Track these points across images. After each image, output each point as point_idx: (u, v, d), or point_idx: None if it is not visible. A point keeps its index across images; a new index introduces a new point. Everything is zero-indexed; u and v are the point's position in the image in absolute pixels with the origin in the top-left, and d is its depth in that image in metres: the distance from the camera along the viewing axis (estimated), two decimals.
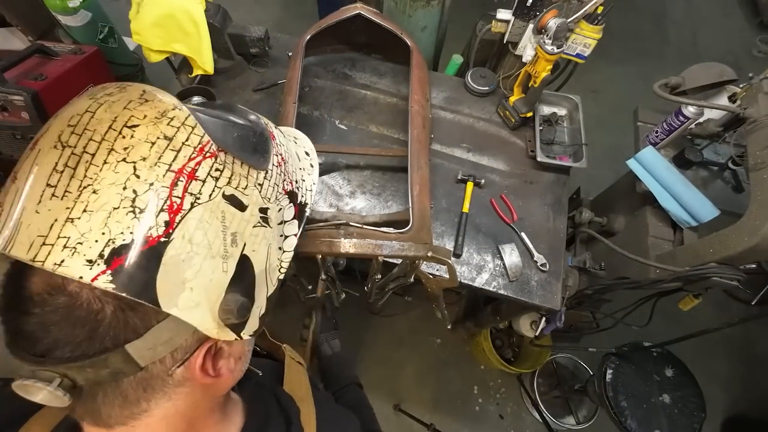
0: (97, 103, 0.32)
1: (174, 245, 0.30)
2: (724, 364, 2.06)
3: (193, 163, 0.32)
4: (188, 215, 0.31)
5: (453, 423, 1.86)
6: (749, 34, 3.29)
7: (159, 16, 1.19)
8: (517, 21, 1.25)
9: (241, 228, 0.35)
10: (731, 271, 0.90)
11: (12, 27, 1.73)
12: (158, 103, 0.34)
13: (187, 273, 0.31)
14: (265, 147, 0.40)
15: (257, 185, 0.38)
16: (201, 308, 0.32)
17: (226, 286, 0.34)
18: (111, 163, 0.30)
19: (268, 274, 0.39)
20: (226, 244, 0.34)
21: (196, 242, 0.31)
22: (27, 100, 1.25)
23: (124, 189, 0.29)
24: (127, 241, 0.29)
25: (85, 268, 0.27)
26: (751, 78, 1.05)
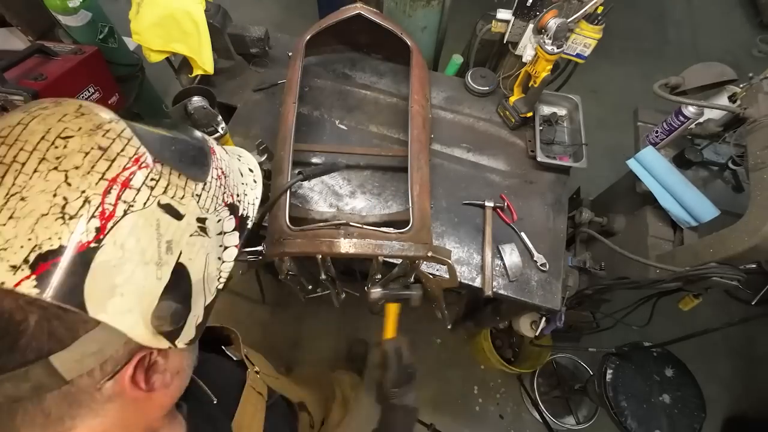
0: (30, 116, 0.32)
1: (105, 251, 0.30)
2: (724, 364, 2.06)
3: (128, 172, 0.33)
4: (121, 222, 0.31)
5: (453, 423, 1.86)
6: (749, 34, 3.29)
7: (159, 16, 1.19)
8: (517, 21, 1.25)
9: (177, 236, 0.35)
10: (731, 271, 0.90)
11: (12, 27, 1.73)
12: (94, 117, 0.34)
13: (117, 279, 0.31)
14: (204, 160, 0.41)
15: (195, 195, 0.38)
16: (132, 314, 0.32)
17: (160, 293, 0.33)
18: (42, 171, 0.30)
19: (206, 283, 0.39)
20: (160, 251, 0.33)
21: (128, 248, 0.31)
22: (27, 100, 1.25)
23: (54, 196, 0.29)
24: (55, 247, 0.28)
25: (8, 274, 0.27)
26: (751, 78, 1.05)
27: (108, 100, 1.61)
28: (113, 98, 1.63)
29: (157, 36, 1.22)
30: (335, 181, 1.24)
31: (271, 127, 1.30)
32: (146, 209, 0.33)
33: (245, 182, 0.50)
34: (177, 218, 0.35)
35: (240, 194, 0.47)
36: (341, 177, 1.25)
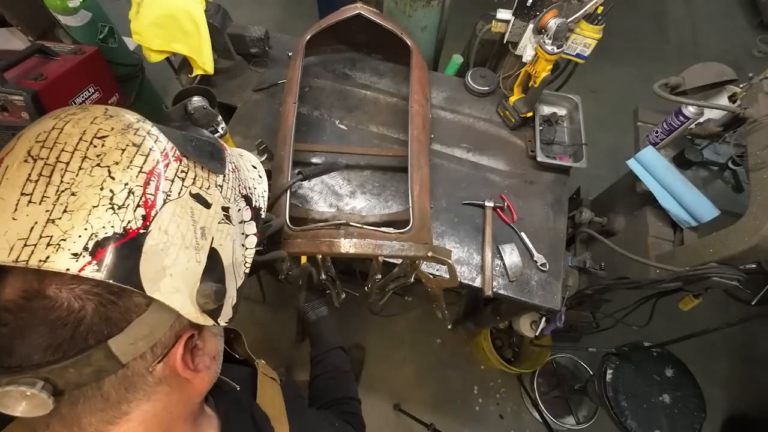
0: (63, 121, 0.34)
1: (152, 236, 0.33)
2: (724, 364, 2.06)
3: (162, 165, 0.35)
4: (162, 210, 0.34)
5: (453, 423, 1.86)
6: (749, 34, 3.29)
7: (159, 16, 1.19)
8: (517, 21, 1.25)
9: (208, 223, 0.38)
10: (731, 271, 0.90)
11: (12, 27, 1.73)
12: (122, 118, 0.37)
13: (165, 261, 0.33)
14: (221, 155, 0.44)
15: (218, 186, 0.41)
16: (181, 294, 0.34)
17: (201, 275, 0.36)
18: (86, 168, 0.32)
19: (235, 267, 0.42)
20: (197, 236, 0.36)
21: (171, 233, 0.34)
22: (27, 100, 1.25)
23: (101, 189, 0.32)
24: (109, 234, 0.31)
25: (71, 261, 0.29)
26: (751, 78, 1.05)
27: (108, 100, 1.61)
28: (113, 98, 1.63)
29: (157, 36, 1.22)
30: (335, 181, 1.24)
31: (271, 127, 1.30)
32: (181, 198, 0.36)
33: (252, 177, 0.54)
34: (206, 207, 0.38)
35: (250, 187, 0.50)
36: (341, 177, 1.25)
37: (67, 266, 0.29)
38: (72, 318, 0.30)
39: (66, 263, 0.29)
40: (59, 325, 0.30)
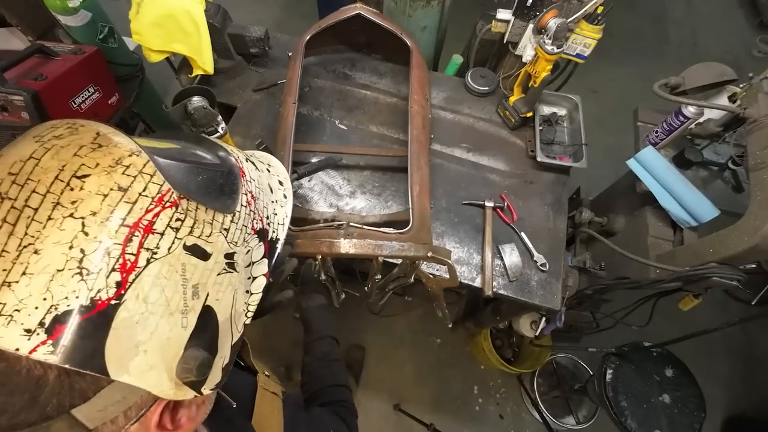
0: (44, 148, 0.29)
1: (126, 307, 0.28)
2: (724, 364, 2.06)
3: (151, 215, 0.30)
4: (143, 273, 0.29)
5: (453, 423, 1.86)
6: (749, 34, 3.29)
7: (159, 16, 1.19)
8: (517, 21, 1.25)
9: (204, 278, 0.33)
10: (731, 271, 0.90)
11: (12, 27, 1.73)
12: (113, 149, 0.31)
13: (140, 336, 0.28)
14: (233, 188, 0.38)
15: (223, 230, 0.35)
16: (156, 370, 0.29)
17: (186, 342, 0.31)
18: (56, 219, 0.27)
19: (234, 321, 0.37)
20: (186, 297, 0.31)
21: (151, 301, 0.29)
22: (27, 100, 1.25)
23: (70, 248, 0.27)
24: (72, 307, 0.26)
25: (23, 339, 0.25)
26: (751, 78, 1.05)
27: (108, 100, 1.61)
28: (113, 98, 1.63)
29: (157, 36, 1.22)
30: (335, 181, 1.24)
31: (271, 127, 1.30)
32: (171, 255, 0.30)
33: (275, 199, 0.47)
34: (204, 259, 0.33)
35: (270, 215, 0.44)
36: (341, 177, 1.25)
37: (17, 345, 0.25)
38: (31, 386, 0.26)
39: (16, 341, 0.25)
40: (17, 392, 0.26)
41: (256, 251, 0.41)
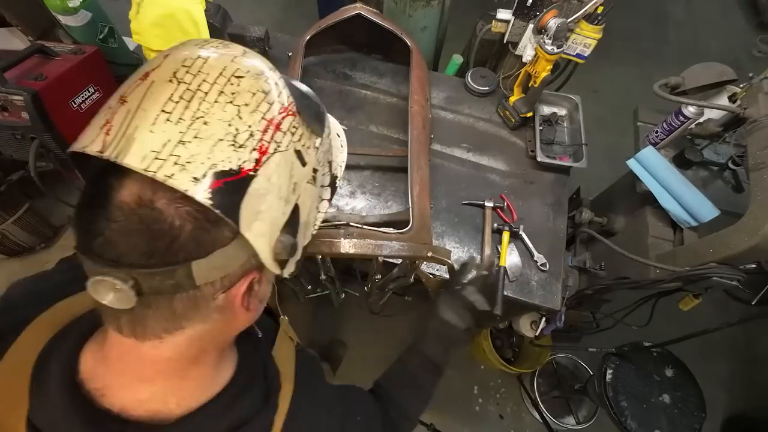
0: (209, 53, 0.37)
1: (258, 180, 0.35)
2: (724, 364, 2.06)
3: (280, 117, 0.38)
4: (271, 158, 0.36)
5: (453, 423, 1.86)
6: (749, 34, 3.29)
7: (159, 16, 1.19)
8: (517, 21, 1.25)
9: (300, 180, 0.41)
10: (731, 271, 0.90)
11: (12, 27, 1.73)
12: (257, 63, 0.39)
13: (262, 206, 0.36)
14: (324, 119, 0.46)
15: (315, 148, 0.43)
16: (264, 238, 0.37)
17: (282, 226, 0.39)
18: (221, 102, 0.35)
19: (307, 226, 0.45)
20: (289, 190, 0.39)
21: (272, 182, 0.36)
22: (27, 100, 1.25)
23: (228, 125, 0.34)
24: (226, 168, 0.33)
25: (191, 183, 0.32)
26: (751, 78, 1.05)
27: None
28: None
29: (157, 36, 1.22)
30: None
31: None
32: (287, 151, 0.38)
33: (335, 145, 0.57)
34: (303, 164, 0.41)
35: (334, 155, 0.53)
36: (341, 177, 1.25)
37: (187, 187, 0.31)
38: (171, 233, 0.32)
39: (186, 184, 0.31)
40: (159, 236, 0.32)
41: (326, 177, 0.49)
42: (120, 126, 0.33)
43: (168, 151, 0.32)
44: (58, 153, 1.43)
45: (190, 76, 0.35)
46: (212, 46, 0.38)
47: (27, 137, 1.36)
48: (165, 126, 0.32)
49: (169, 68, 0.35)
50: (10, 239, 1.94)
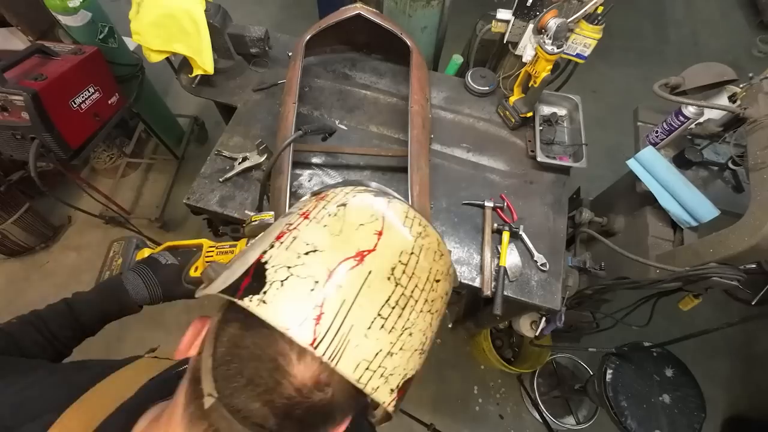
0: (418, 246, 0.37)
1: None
2: (724, 364, 2.06)
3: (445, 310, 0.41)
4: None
5: (453, 423, 1.86)
6: (749, 34, 3.29)
7: (159, 16, 1.19)
8: (517, 21, 1.25)
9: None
10: (731, 271, 0.90)
11: (12, 27, 1.73)
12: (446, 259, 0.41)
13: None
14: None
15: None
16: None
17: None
18: (423, 312, 0.35)
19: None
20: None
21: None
22: (27, 100, 1.25)
23: (423, 335, 0.36)
24: (410, 376, 0.35)
25: (388, 395, 0.33)
26: (751, 78, 1.05)
27: (108, 100, 1.61)
28: (113, 98, 1.64)
29: (157, 36, 1.22)
30: (335, 181, 1.24)
31: (271, 127, 1.30)
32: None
33: None
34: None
35: None
36: (341, 177, 1.25)
37: (385, 399, 0.32)
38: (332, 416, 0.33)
39: (385, 396, 0.32)
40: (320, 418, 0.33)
41: None
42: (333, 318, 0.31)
43: (378, 362, 0.32)
44: (58, 153, 1.43)
45: (406, 278, 0.35)
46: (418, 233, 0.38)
47: (27, 137, 1.36)
48: (379, 334, 0.32)
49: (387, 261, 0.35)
50: (10, 239, 1.94)
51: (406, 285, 0.34)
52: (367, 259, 0.34)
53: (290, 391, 0.31)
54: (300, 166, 1.25)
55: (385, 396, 0.32)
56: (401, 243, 0.36)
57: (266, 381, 0.31)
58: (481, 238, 1.17)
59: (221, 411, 0.31)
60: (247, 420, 0.31)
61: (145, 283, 0.70)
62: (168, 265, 0.73)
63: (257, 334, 0.32)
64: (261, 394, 0.31)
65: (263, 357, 0.31)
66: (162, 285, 0.71)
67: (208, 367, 0.33)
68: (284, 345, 0.31)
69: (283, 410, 0.31)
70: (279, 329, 0.30)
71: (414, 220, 0.39)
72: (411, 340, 0.34)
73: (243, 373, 0.31)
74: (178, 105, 2.47)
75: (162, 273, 0.72)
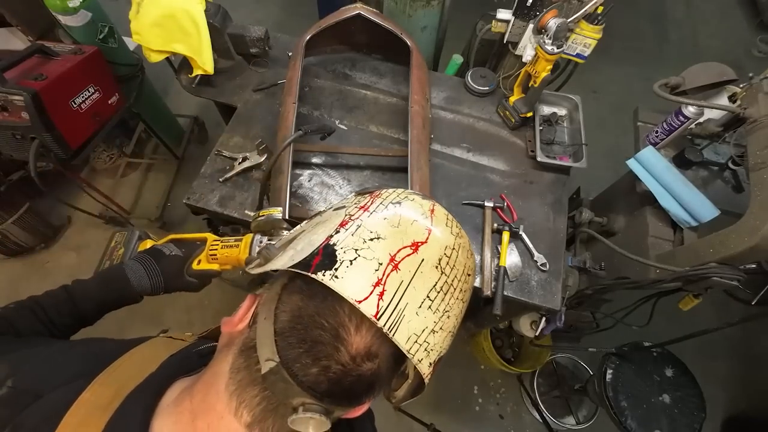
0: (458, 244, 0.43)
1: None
2: (724, 364, 2.06)
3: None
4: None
5: (453, 423, 1.86)
6: (749, 34, 3.29)
7: (159, 16, 1.19)
8: (517, 21, 1.25)
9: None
10: (731, 271, 0.90)
11: (12, 27, 1.73)
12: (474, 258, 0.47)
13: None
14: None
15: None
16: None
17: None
18: (458, 299, 0.41)
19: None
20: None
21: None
22: (27, 100, 1.25)
23: (456, 319, 0.41)
24: (443, 354, 0.40)
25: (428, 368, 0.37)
26: (751, 78, 1.05)
27: (108, 100, 1.61)
28: (113, 98, 1.64)
29: (157, 36, 1.22)
30: (335, 181, 1.24)
31: (271, 127, 1.30)
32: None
33: None
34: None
35: None
36: (341, 177, 1.25)
37: (426, 372, 0.37)
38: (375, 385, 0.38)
39: (426, 369, 0.37)
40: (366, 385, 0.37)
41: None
42: (393, 296, 0.36)
43: (424, 337, 0.37)
44: (58, 153, 1.43)
45: (449, 268, 0.41)
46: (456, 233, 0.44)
47: (27, 137, 1.36)
48: (427, 313, 0.38)
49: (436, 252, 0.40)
50: (10, 239, 1.94)
51: (449, 274, 0.40)
52: (421, 249, 0.39)
53: (346, 359, 0.35)
54: (300, 166, 1.25)
55: (426, 368, 0.37)
56: (446, 239, 0.42)
57: (327, 347, 0.35)
58: (481, 238, 1.17)
59: (281, 374, 0.35)
60: (303, 384, 0.35)
61: (147, 272, 0.69)
62: (172, 256, 0.73)
63: (320, 305, 0.36)
64: (320, 360, 0.35)
65: (326, 326, 0.35)
66: (164, 276, 0.71)
67: (269, 333, 0.37)
68: (345, 317, 0.36)
69: (337, 376, 0.35)
70: (349, 301, 0.34)
71: (453, 222, 0.45)
72: (448, 322, 0.40)
73: (306, 339, 0.35)
74: (178, 105, 2.47)
75: (165, 263, 0.72)
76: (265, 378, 0.36)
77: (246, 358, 0.38)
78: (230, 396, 0.38)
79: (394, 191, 0.46)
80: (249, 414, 0.37)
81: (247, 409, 0.37)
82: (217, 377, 0.39)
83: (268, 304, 0.39)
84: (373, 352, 0.36)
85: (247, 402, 0.37)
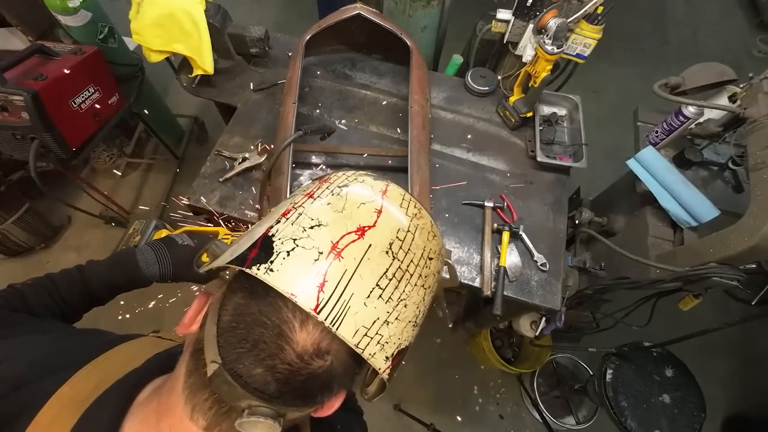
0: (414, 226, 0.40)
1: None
2: (724, 364, 2.06)
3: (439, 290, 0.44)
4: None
5: (453, 423, 1.86)
6: (749, 34, 3.29)
7: (159, 16, 1.19)
8: (517, 21, 1.25)
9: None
10: (731, 271, 0.90)
11: (12, 27, 1.73)
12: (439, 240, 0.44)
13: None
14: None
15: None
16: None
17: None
18: (417, 286, 0.38)
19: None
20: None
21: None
22: (27, 100, 1.25)
23: (417, 308, 0.38)
24: (404, 346, 0.37)
25: (383, 363, 0.35)
26: (751, 78, 1.05)
27: (108, 100, 1.61)
28: (113, 98, 1.64)
29: (157, 36, 1.22)
30: None
31: (271, 127, 1.30)
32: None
33: None
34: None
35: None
36: None
37: (380, 366, 0.35)
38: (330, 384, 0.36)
39: (381, 363, 0.35)
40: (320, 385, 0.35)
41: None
42: (335, 287, 0.33)
43: (375, 330, 0.34)
44: (58, 153, 1.43)
45: (403, 253, 0.38)
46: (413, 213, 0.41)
47: (27, 137, 1.36)
48: (377, 303, 0.35)
49: (386, 236, 0.37)
50: (10, 239, 1.94)
51: (402, 259, 0.37)
52: (368, 234, 0.36)
53: (292, 357, 0.33)
54: (300, 166, 1.25)
55: (381, 363, 0.34)
56: (399, 221, 0.39)
57: (270, 346, 0.32)
58: (481, 238, 1.17)
59: (224, 376, 0.33)
60: (249, 386, 0.33)
61: (157, 258, 0.71)
62: (184, 246, 0.74)
63: (262, 302, 0.34)
64: (264, 360, 0.32)
65: (268, 324, 0.33)
66: (174, 264, 0.72)
67: (213, 334, 0.34)
68: (288, 313, 0.33)
69: (285, 376, 0.33)
70: (285, 294, 0.32)
71: (410, 202, 0.42)
72: (406, 312, 0.37)
73: (247, 339, 0.33)
74: (178, 105, 2.47)
75: (176, 252, 0.73)
76: (211, 380, 0.34)
77: (196, 361, 0.36)
78: (185, 400, 0.37)
79: (344, 174, 0.43)
80: (203, 418, 0.36)
81: (200, 413, 0.36)
82: (176, 380, 0.38)
83: (215, 304, 0.37)
84: (324, 349, 0.33)
85: (200, 406, 0.36)
